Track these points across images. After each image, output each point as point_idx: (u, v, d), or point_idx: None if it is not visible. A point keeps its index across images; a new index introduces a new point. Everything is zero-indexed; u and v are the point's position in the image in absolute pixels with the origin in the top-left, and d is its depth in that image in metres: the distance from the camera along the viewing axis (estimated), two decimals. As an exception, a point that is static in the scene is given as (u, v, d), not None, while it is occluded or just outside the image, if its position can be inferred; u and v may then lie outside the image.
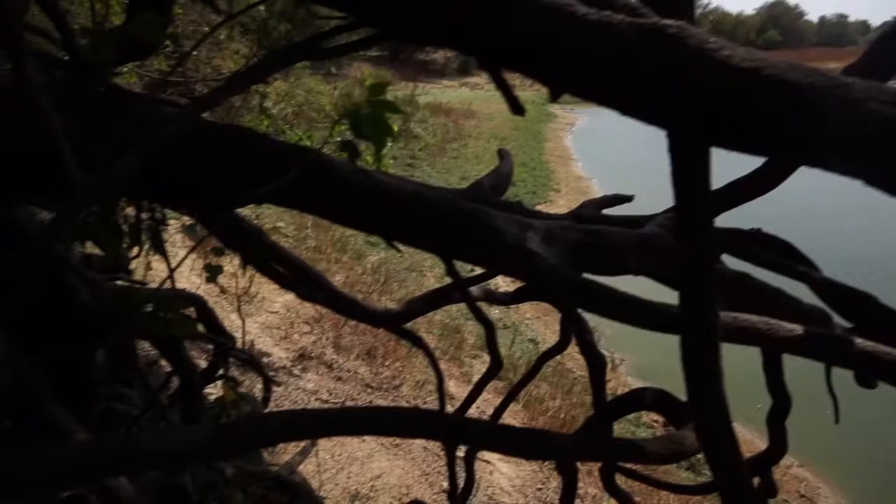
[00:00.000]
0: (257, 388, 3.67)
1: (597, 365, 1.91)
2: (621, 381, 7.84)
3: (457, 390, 6.13)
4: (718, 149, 0.51)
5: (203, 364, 2.55)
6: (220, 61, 9.00)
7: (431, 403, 5.93)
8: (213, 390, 2.47)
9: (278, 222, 8.15)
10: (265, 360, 5.60)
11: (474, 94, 29.84)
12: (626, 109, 0.49)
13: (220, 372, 2.20)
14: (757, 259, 1.39)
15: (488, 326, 1.38)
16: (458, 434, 0.85)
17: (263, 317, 6.48)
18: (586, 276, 1.03)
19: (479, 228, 0.87)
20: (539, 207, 16.09)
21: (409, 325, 2.00)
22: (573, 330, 1.80)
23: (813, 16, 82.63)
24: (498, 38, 0.49)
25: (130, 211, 1.15)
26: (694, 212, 0.68)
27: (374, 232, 1.05)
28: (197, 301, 2.03)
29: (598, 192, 15.92)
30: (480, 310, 1.43)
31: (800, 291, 1.45)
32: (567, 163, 18.81)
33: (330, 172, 0.82)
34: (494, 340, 1.35)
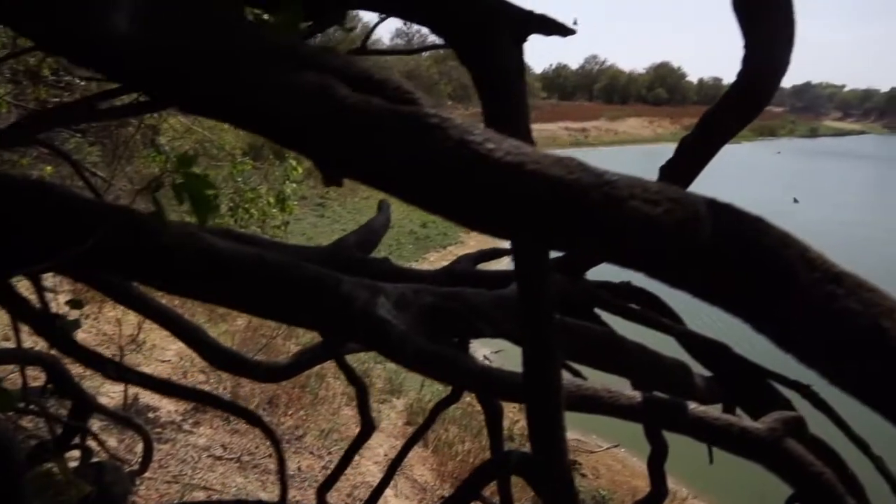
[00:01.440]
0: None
1: (493, 412, 1.89)
2: (530, 419, 7.93)
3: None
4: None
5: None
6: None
7: (337, 453, 5.66)
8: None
9: (173, 264, 7.63)
10: (151, 415, 5.12)
11: (388, 135, 30.19)
12: (398, 195, 0.47)
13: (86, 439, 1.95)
14: (625, 312, 1.45)
15: (360, 388, 1.32)
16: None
17: (153, 366, 5.98)
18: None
19: (326, 296, 0.82)
20: (450, 248, 16.19)
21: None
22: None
23: (693, 77, 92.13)
24: (266, 122, 0.46)
25: None
26: (531, 283, 0.67)
27: (209, 301, 0.96)
28: (45, 361, 1.80)
29: (507, 233, 16.41)
30: (352, 370, 1.37)
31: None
32: (478, 204, 19.28)
33: (146, 236, 0.73)
34: (367, 403, 1.29)
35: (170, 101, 0.58)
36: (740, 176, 29.16)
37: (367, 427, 1.38)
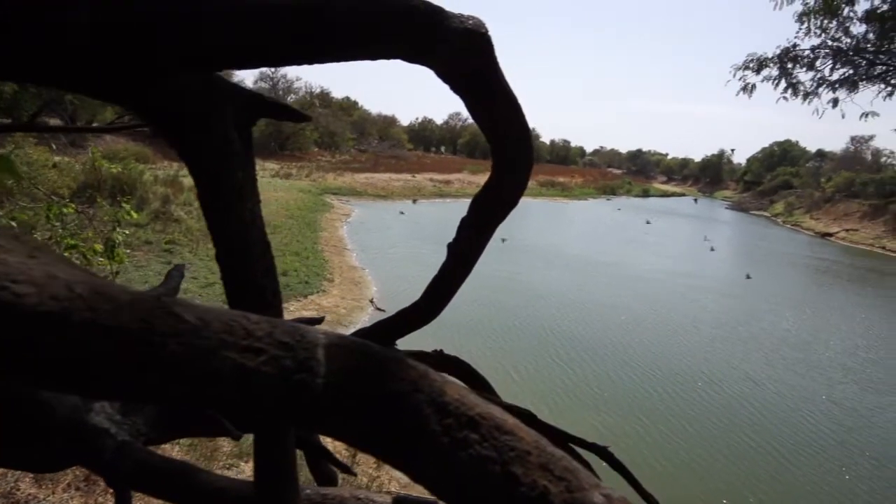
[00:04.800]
0: None
1: None
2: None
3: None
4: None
5: None
6: None
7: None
8: None
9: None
10: None
11: (249, 179, 28.88)
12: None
13: None
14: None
15: (121, 494, 1.12)
16: None
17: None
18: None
19: (14, 405, 0.67)
20: (311, 297, 15.51)
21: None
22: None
23: (546, 138, 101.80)
24: None
25: None
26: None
27: None
28: None
29: (370, 281, 16.29)
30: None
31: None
32: (342, 252, 19.04)
33: None
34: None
35: None
36: (590, 231, 32.16)
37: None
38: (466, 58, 0.61)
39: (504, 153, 0.84)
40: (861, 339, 15.57)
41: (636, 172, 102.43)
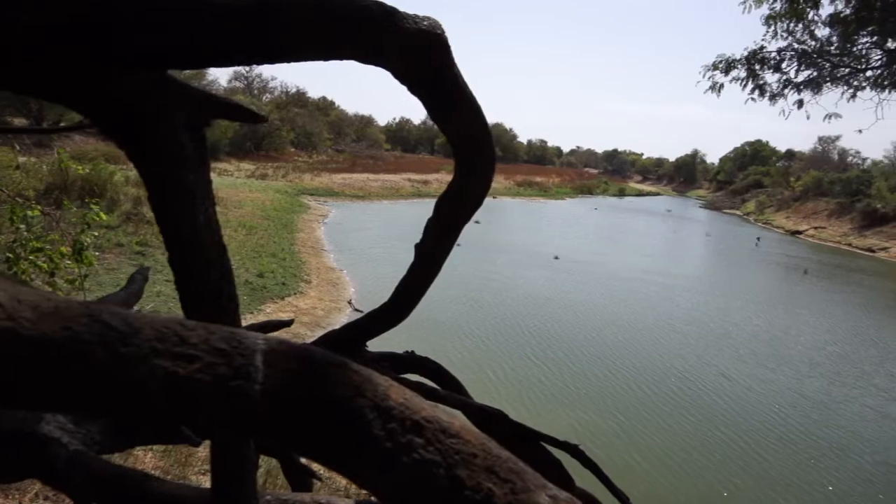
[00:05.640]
0: None
1: None
2: None
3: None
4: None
5: None
6: None
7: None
8: None
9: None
10: None
11: (222, 180, 28.51)
12: None
13: None
14: (405, 384, 1.42)
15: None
16: None
17: None
18: None
19: (-40, 415, 0.65)
20: (288, 299, 15.31)
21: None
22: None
23: (523, 139, 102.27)
24: None
25: None
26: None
27: None
28: None
29: (348, 282, 16.18)
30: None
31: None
32: (319, 254, 18.88)
33: None
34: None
35: None
36: (567, 230, 32.33)
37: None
38: (421, 59, 0.60)
39: (465, 154, 0.84)
40: (828, 333, 16.01)
41: (612, 172, 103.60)
